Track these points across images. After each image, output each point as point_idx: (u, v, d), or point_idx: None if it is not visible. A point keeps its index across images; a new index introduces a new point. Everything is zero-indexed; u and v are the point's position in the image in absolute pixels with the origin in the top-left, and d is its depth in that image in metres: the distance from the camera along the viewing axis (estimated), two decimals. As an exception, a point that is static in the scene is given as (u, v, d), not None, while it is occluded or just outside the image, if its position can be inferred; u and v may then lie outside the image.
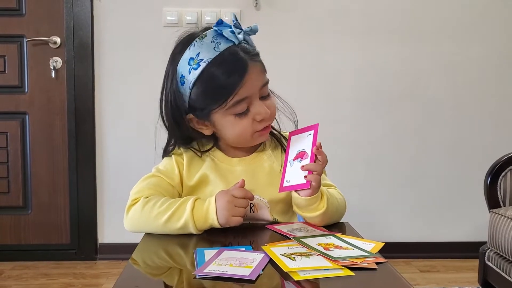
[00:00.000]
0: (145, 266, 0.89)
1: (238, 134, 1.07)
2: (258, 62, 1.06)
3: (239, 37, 1.03)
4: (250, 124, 1.06)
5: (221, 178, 1.11)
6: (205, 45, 1.02)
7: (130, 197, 1.08)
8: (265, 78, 1.07)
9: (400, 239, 2.66)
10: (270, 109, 1.07)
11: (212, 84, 1.02)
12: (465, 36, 2.65)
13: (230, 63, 1.01)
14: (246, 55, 1.03)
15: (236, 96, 1.01)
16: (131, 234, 1.07)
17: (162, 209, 1.01)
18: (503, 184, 1.89)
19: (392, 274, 0.79)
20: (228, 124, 1.06)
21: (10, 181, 2.64)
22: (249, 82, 1.02)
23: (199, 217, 0.99)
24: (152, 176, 1.12)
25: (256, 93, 1.04)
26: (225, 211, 0.99)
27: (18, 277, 2.42)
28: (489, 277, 1.86)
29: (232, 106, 1.02)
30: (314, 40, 2.61)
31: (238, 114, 1.04)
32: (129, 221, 1.05)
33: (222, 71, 1.00)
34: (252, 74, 1.02)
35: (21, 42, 2.59)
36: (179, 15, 2.55)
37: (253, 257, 0.83)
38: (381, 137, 2.67)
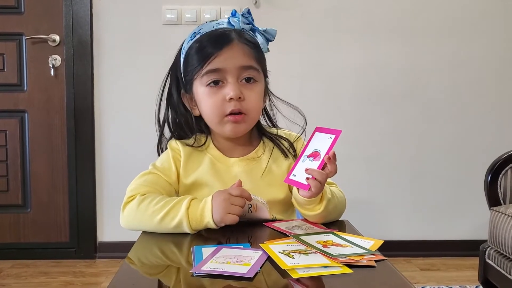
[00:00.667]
0: (142, 265, 0.88)
1: (208, 108, 1.08)
2: (248, 46, 1.07)
3: (241, 24, 1.08)
4: (220, 101, 1.06)
5: (218, 179, 1.11)
6: (209, 24, 1.11)
7: (126, 194, 1.07)
8: (250, 62, 1.07)
9: (401, 237, 2.66)
10: (246, 98, 1.06)
11: (196, 50, 1.07)
12: (466, 34, 2.64)
13: (217, 34, 1.07)
14: (238, 36, 1.06)
15: (210, 64, 1.04)
16: (131, 233, 1.07)
17: (158, 207, 1.00)
18: (503, 182, 1.88)
19: (391, 272, 0.79)
20: (203, 95, 1.08)
21: (9, 179, 2.64)
22: (226, 55, 1.04)
23: (194, 217, 0.98)
24: (149, 173, 1.11)
25: (233, 71, 1.05)
26: (221, 209, 0.97)
27: (18, 275, 2.41)
28: (489, 275, 1.85)
29: (206, 74, 1.05)
30: (315, 38, 2.60)
31: (210, 85, 1.06)
32: (124, 218, 1.05)
33: (207, 39, 1.06)
34: (233, 50, 1.05)
35: (20, 40, 2.58)
36: (179, 13, 2.54)
37: (251, 255, 0.82)
38: (382, 135, 2.66)
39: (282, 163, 1.14)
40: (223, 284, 0.73)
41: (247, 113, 1.07)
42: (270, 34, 1.12)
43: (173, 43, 2.28)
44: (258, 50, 1.09)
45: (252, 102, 1.07)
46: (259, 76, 1.09)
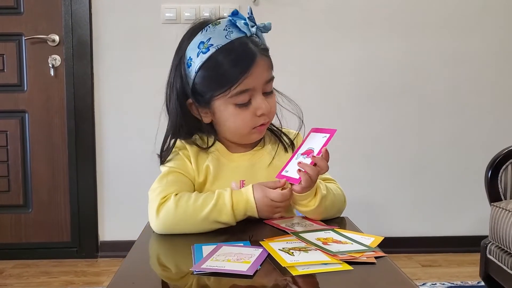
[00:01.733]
0: (142, 263, 0.88)
1: (237, 126, 1.07)
2: (266, 57, 1.07)
3: (252, 29, 1.04)
4: (250, 117, 1.06)
5: (222, 173, 1.11)
6: (217, 31, 1.03)
7: (155, 197, 1.02)
8: (271, 74, 1.08)
9: (401, 234, 2.66)
10: (271, 106, 1.08)
11: (218, 70, 1.02)
12: (465, 30, 2.64)
13: (239, 52, 1.02)
14: (256, 47, 1.04)
15: (240, 86, 1.02)
16: (132, 232, 1.06)
17: (199, 204, 0.99)
18: (504, 177, 1.88)
19: (391, 268, 0.79)
20: (229, 114, 1.06)
21: (10, 179, 2.64)
22: (254, 74, 1.02)
23: (238, 212, 1.00)
24: (168, 173, 1.08)
25: (260, 87, 1.05)
26: (266, 212, 1.02)
27: (19, 275, 2.42)
28: (490, 271, 1.85)
29: (235, 95, 1.03)
30: (314, 35, 2.60)
31: (239, 105, 1.04)
32: (161, 221, 0.99)
33: (230, 58, 1.01)
34: (259, 67, 1.03)
35: (19, 41, 2.59)
36: (177, 11, 2.54)
37: (251, 252, 0.82)
38: (381, 131, 2.66)
39: (283, 157, 1.15)
40: (224, 282, 0.73)
41: (270, 120, 1.11)
42: (267, 28, 1.10)
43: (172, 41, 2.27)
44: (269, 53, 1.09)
45: (274, 110, 1.10)
46: (273, 82, 1.10)
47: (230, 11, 1.10)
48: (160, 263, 0.89)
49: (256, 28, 1.06)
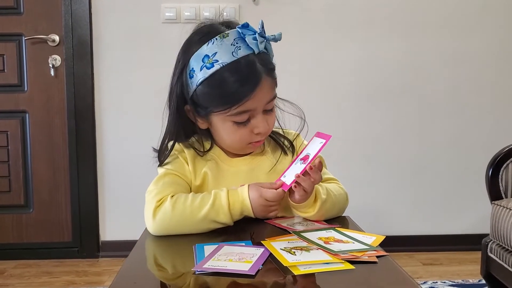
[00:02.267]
0: (144, 263, 0.88)
1: (233, 141, 1.08)
2: (271, 77, 1.04)
3: (260, 46, 1.01)
4: (247, 135, 1.05)
5: (221, 179, 1.10)
6: (224, 46, 0.99)
7: (152, 199, 1.02)
8: (274, 93, 1.06)
9: (403, 233, 2.66)
10: (269, 125, 1.07)
11: (221, 88, 1.00)
12: (465, 30, 2.63)
13: (245, 72, 0.99)
14: (263, 67, 1.01)
15: (241, 107, 1.00)
16: (133, 231, 1.06)
17: (196, 205, 0.99)
18: (504, 175, 1.88)
19: (392, 267, 0.79)
20: (226, 129, 1.06)
21: (11, 180, 2.64)
22: (257, 96, 1.01)
23: (235, 212, 1.00)
24: (165, 175, 1.07)
25: (262, 107, 1.04)
26: (261, 212, 1.02)
27: (21, 275, 2.42)
28: (491, 269, 1.85)
29: (234, 114, 1.02)
30: (314, 35, 2.60)
31: (237, 123, 1.04)
32: (158, 223, 0.99)
33: (234, 78, 0.98)
34: (263, 88, 1.01)
35: (19, 41, 2.58)
36: (177, 11, 2.54)
37: (252, 252, 0.82)
38: (382, 131, 2.66)
39: (283, 160, 1.14)
40: (225, 281, 0.73)
41: (266, 136, 1.11)
42: (277, 39, 1.07)
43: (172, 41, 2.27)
44: (275, 71, 1.07)
45: (271, 126, 1.09)
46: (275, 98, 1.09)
47: (230, 10, 1.09)
48: (161, 263, 0.89)
49: (266, 42, 1.03)
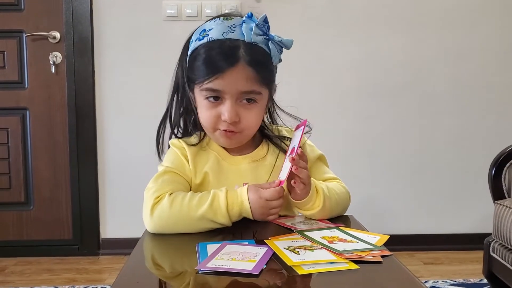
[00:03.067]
0: (147, 261, 0.88)
1: (204, 119, 1.07)
2: (253, 69, 1.01)
3: (254, 37, 1.01)
4: (215, 117, 1.04)
5: (223, 177, 1.10)
6: (221, 26, 1.03)
7: (150, 197, 1.01)
8: (252, 87, 1.03)
9: (404, 231, 2.65)
10: (242, 119, 1.04)
11: (200, 59, 1.03)
12: (467, 27, 2.63)
13: (225, 51, 1.00)
14: (247, 56, 1.00)
15: (210, 84, 1.01)
16: (134, 229, 1.06)
17: (194, 204, 0.98)
18: (507, 175, 1.87)
19: (397, 267, 0.78)
20: (201, 105, 1.07)
21: (12, 177, 2.64)
22: (228, 79, 1.00)
23: (233, 213, 0.98)
24: (164, 173, 1.07)
25: (233, 94, 1.02)
26: (261, 214, 1.00)
27: (21, 272, 2.41)
28: (494, 269, 1.85)
29: (205, 90, 1.03)
30: (316, 32, 2.59)
31: (209, 101, 1.04)
32: (155, 221, 0.98)
33: (213, 52, 1.01)
34: (237, 74, 1.00)
35: (20, 38, 2.58)
36: (179, 8, 2.53)
37: (256, 251, 0.82)
38: (384, 129, 2.65)
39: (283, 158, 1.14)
40: (229, 280, 0.72)
41: (241, 131, 1.07)
42: (285, 45, 1.06)
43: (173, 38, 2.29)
44: (265, 69, 1.04)
45: (248, 123, 1.06)
46: (261, 96, 1.06)
47: (232, 8, 1.10)
48: (164, 261, 0.89)
49: (266, 39, 1.03)
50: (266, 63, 1.05)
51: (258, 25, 1.01)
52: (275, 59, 1.06)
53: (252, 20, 1.02)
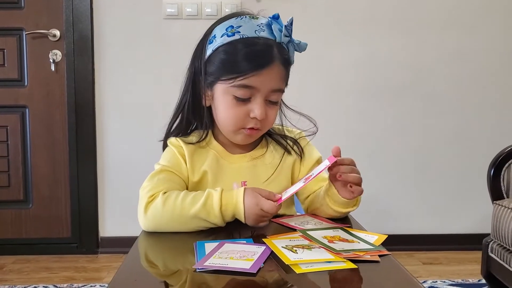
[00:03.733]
0: (144, 260, 0.88)
1: (227, 118, 1.06)
2: (285, 68, 1.05)
3: (283, 38, 1.03)
4: (242, 115, 1.04)
5: (222, 175, 1.10)
6: (250, 23, 1.04)
7: (144, 195, 1.02)
8: (281, 86, 1.06)
9: (403, 231, 2.65)
10: (268, 117, 1.05)
11: (233, 56, 1.01)
12: (468, 27, 2.63)
13: (260, 49, 1.01)
14: (279, 55, 1.03)
15: (245, 80, 1.00)
16: (132, 228, 1.06)
17: (187, 203, 0.98)
18: (506, 175, 1.88)
19: (395, 267, 0.78)
20: (225, 103, 1.05)
21: (11, 175, 2.64)
22: (264, 76, 1.01)
23: (226, 214, 0.98)
24: (160, 171, 1.07)
25: (265, 91, 1.03)
26: (253, 221, 0.98)
27: (19, 270, 2.41)
28: (492, 269, 1.85)
29: (237, 87, 1.01)
30: (316, 32, 2.59)
31: (237, 99, 1.03)
32: (149, 219, 0.99)
33: (249, 50, 1.01)
34: (272, 72, 1.02)
35: (20, 35, 2.58)
36: (179, 7, 2.52)
37: (254, 250, 0.82)
38: (384, 129, 2.65)
39: (285, 159, 1.14)
40: (226, 279, 0.72)
41: (262, 129, 1.08)
42: (301, 47, 1.09)
43: (173, 37, 2.29)
44: (289, 69, 1.08)
45: (270, 121, 1.08)
46: (281, 95, 1.09)
47: (232, 7, 1.10)
48: (162, 260, 0.89)
49: (289, 41, 1.05)
50: (291, 63, 1.08)
51: (287, 27, 1.04)
52: (292, 60, 1.09)
53: (278, 22, 1.04)
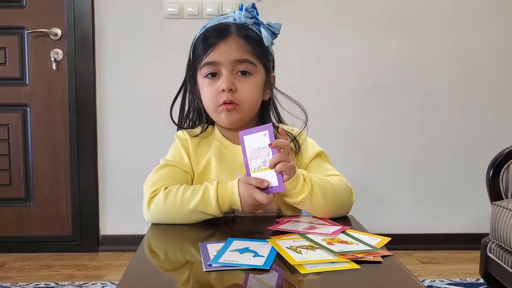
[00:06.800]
0: (152, 259, 0.89)
1: (206, 99, 1.14)
2: (245, 41, 1.10)
3: (243, 18, 1.11)
4: (215, 92, 1.11)
5: (225, 166, 1.14)
6: (216, 18, 1.15)
7: (148, 190, 1.07)
8: (246, 56, 1.10)
9: (402, 231, 2.67)
10: (239, 89, 1.10)
11: (198, 42, 1.13)
12: (466, 26, 2.64)
13: (217, 28, 1.12)
14: (236, 30, 1.10)
15: (207, 57, 1.10)
16: (133, 226, 1.08)
17: (186, 197, 1.02)
18: (505, 176, 1.89)
19: (397, 267, 0.79)
20: (203, 86, 1.14)
21: (12, 173, 2.65)
22: (221, 49, 1.09)
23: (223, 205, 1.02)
24: (163, 166, 1.13)
25: (227, 64, 1.09)
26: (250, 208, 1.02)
27: (21, 268, 2.42)
28: (490, 269, 1.87)
29: (203, 66, 1.11)
30: (315, 31, 2.61)
31: (208, 78, 1.12)
32: (152, 214, 1.05)
33: (209, 33, 1.11)
34: (229, 44, 1.09)
35: (21, 34, 2.58)
36: (180, 6, 2.53)
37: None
38: (382, 128, 2.66)
39: None
40: (236, 276, 0.73)
41: (240, 104, 1.11)
42: (274, 28, 1.14)
43: (175, 37, 2.28)
44: (257, 44, 1.12)
45: (244, 93, 1.11)
46: (256, 69, 1.13)
47: (233, 6, 1.14)
48: (170, 258, 0.89)
49: (257, 23, 1.12)
50: (257, 39, 1.12)
51: (247, 9, 1.12)
52: (267, 41, 1.12)
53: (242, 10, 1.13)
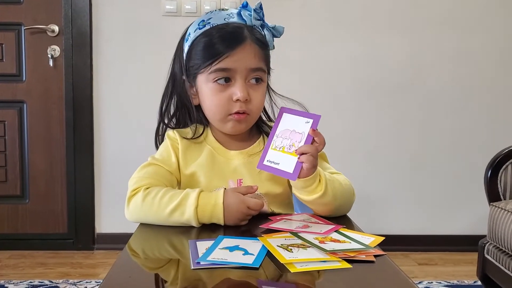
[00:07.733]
0: (139, 256, 0.87)
1: (213, 105, 1.07)
2: (259, 47, 1.05)
3: (254, 21, 1.05)
4: (226, 100, 1.04)
5: (218, 171, 1.10)
6: (220, 14, 1.07)
7: (129, 188, 1.05)
8: (260, 64, 1.06)
9: (399, 232, 2.65)
10: (252, 99, 1.05)
11: (206, 43, 1.04)
12: (466, 27, 2.63)
13: (229, 31, 1.04)
14: (250, 34, 1.04)
15: (221, 63, 1.02)
16: (129, 224, 1.06)
17: (164, 201, 0.99)
18: (503, 177, 1.88)
19: (390, 267, 0.78)
20: (208, 91, 1.06)
21: (8, 170, 2.63)
22: (238, 56, 1.02)
23: (203, 215, 0.97)
24: (148, 164, 1.10)
25: (243, 72, 1.03)
26: (234, 218, 0.97)
27: (15, 266, 2.41)
28: (488, 271, 1.85)
29: (214, 71, 1.03)
30: (315, 30, 2.59)
31: (218, 84, 1.04)
32: (130, 212, 1.03)
33: (219, 34, 1.03)
34: (245, 51, 1.03)
35: (18, 30, 2.57)
36: (178, 4, 2.52)
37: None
38: (381, 129, 2.65)
39: None
40: (223, 275, 0.72)
41: (251, 113, 1.07)
42: (278, 31, 1.10)
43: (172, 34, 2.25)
44: (266, 49, 1.09)
45: (257, 103, 1.07)
46: (265, 75, 1.09)
47: (231, 4, 1.11)
48: (158, 256, 0.88)
49: (262, 24, 1.07)
50: (266, 43, 1.08)
51: (256, 10, 1.06)
52: (270, 45, 1.10)
53: (248, 9, 1.06)
